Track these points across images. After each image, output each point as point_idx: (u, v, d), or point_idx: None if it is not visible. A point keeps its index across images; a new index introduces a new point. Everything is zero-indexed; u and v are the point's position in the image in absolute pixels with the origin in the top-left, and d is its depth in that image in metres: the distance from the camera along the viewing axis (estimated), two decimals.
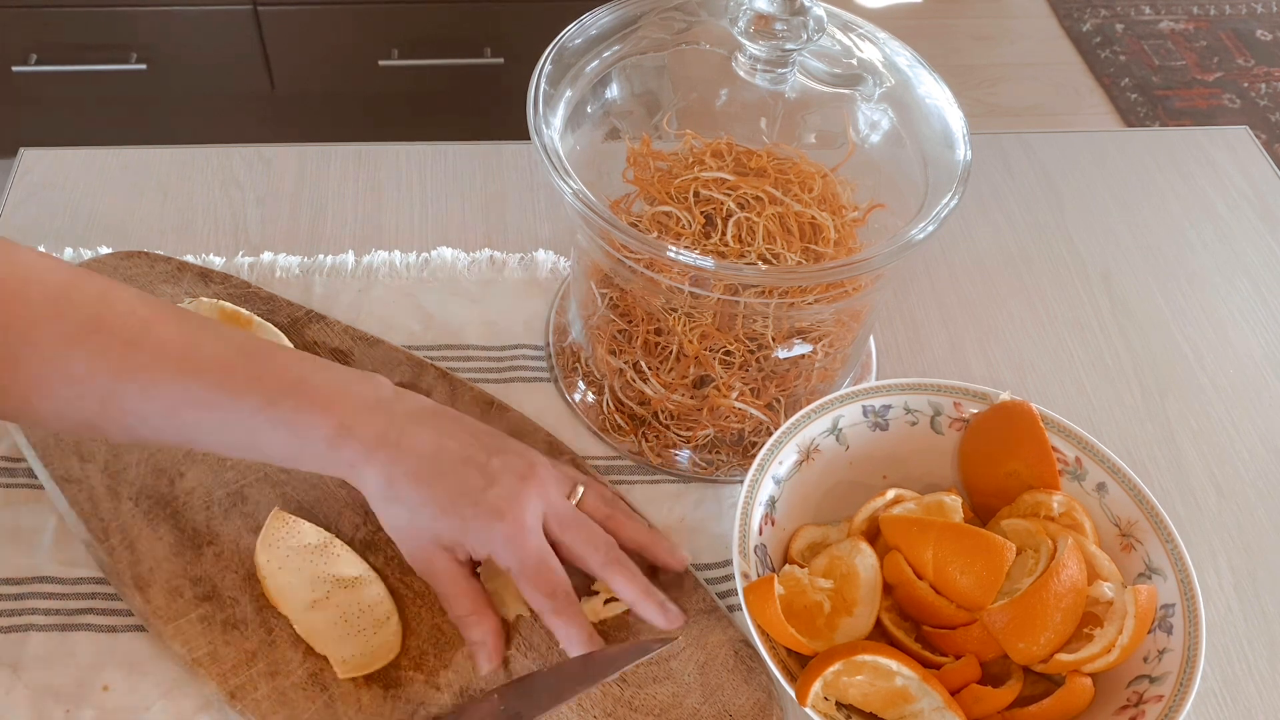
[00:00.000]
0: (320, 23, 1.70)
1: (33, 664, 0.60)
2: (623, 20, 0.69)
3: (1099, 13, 2.43)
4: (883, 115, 0.69)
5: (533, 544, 0.57)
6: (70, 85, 1.72)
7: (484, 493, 0.57)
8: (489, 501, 0.57)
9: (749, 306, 0.63)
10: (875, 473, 0.67)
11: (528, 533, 0.57)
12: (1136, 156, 0.96)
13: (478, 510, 0.57)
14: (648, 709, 0.60)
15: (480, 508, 0.57)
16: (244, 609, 0.61)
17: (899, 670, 0.56)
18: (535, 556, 0.57)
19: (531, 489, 0.58)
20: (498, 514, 0.56)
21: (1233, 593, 0.69)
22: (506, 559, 0.57)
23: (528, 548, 0.57)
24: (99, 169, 0.87)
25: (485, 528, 0.57)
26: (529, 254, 0.82)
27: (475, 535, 0.57)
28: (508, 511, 0.57)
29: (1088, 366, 0.80)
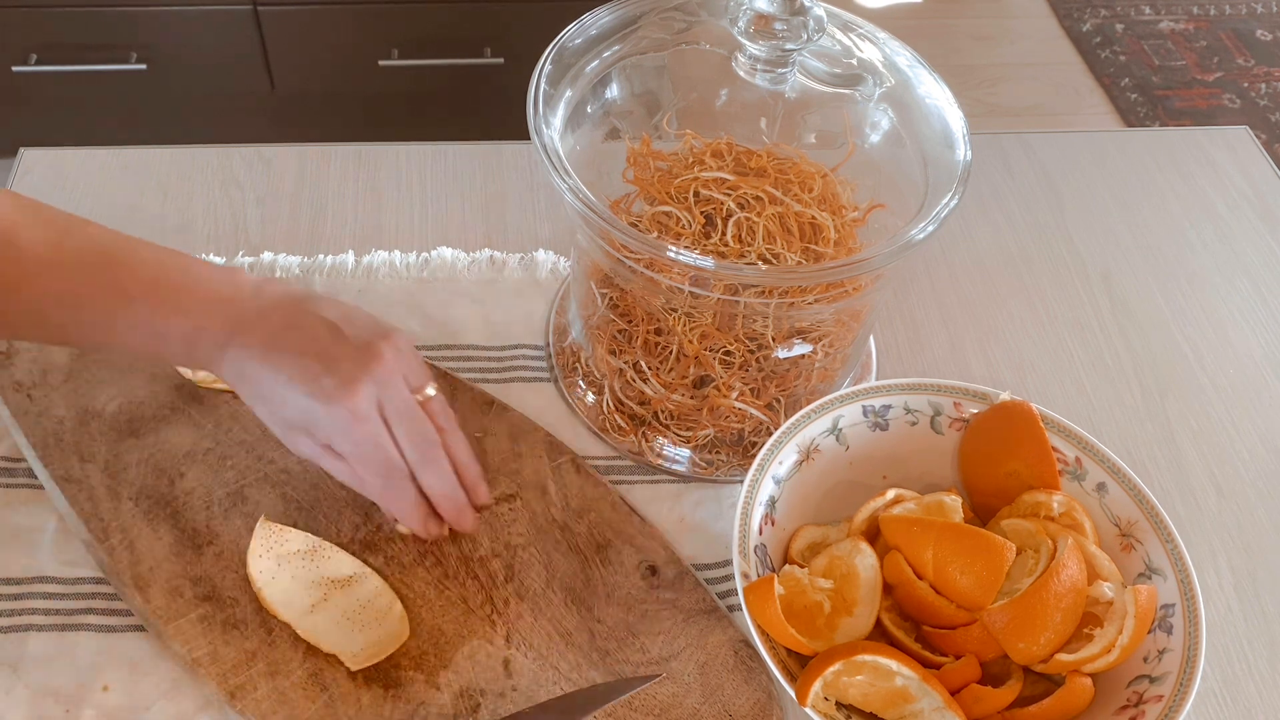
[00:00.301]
0: (320, 23, 1.70)
1: (33, 664, 0.60)
2: (623, 20, 0.69)
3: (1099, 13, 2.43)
4: (883, 115, 0.69)
5: (365, 429, 0.57)
6: (70, 85, 1.72)
7: (319, 380, 0.57)
8: (323, 388, 0.57)
9: (749, 306, 0.63)
10: (875, 473, 0.67)
11: (361, 418, 0.57)
12: (1136, 156, 0.96)
13: (312, 397, 0.57)
14: (648, 709, 0.60)
15: (316, 395, 0.57)
16: (244, 609, 0.61)
17: (899, 670, 0.56)
18: (368, 439, 0.57)
19: (368, 374, 0.57)
20: (331, 399, 0.57)
21: (1233, 593, 0.69)
22: (340, 445, 0.58)
23: (360, 433, 0.57)
24: (99, 169, 0.87)
25: (320, 412, 0.57)
26: (529, 254, 0.82)
27: (314, 420, 0.58)
28: (339, 398, 0.56)
29: (1088, 366, 0.80)
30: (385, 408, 0.58)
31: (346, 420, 0.57)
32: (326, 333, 0.58)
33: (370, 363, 0.57)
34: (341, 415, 0.57)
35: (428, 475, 0.60)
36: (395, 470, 0.59)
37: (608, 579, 0.65)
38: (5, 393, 0.69)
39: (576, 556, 0.66)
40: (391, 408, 0.58)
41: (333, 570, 0.63)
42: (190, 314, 0.58)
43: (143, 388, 0.70)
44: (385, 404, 0.58)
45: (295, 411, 0.58)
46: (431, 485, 0.60)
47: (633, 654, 0.62)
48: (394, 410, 0.58)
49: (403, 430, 0.59)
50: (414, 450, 0.59)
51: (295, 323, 0.58)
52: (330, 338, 0.58)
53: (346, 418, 0.57)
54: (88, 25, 1.66)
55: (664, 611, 0.64)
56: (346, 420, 0.57)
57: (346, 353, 0.58)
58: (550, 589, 0.64)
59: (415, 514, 0.60)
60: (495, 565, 0.65)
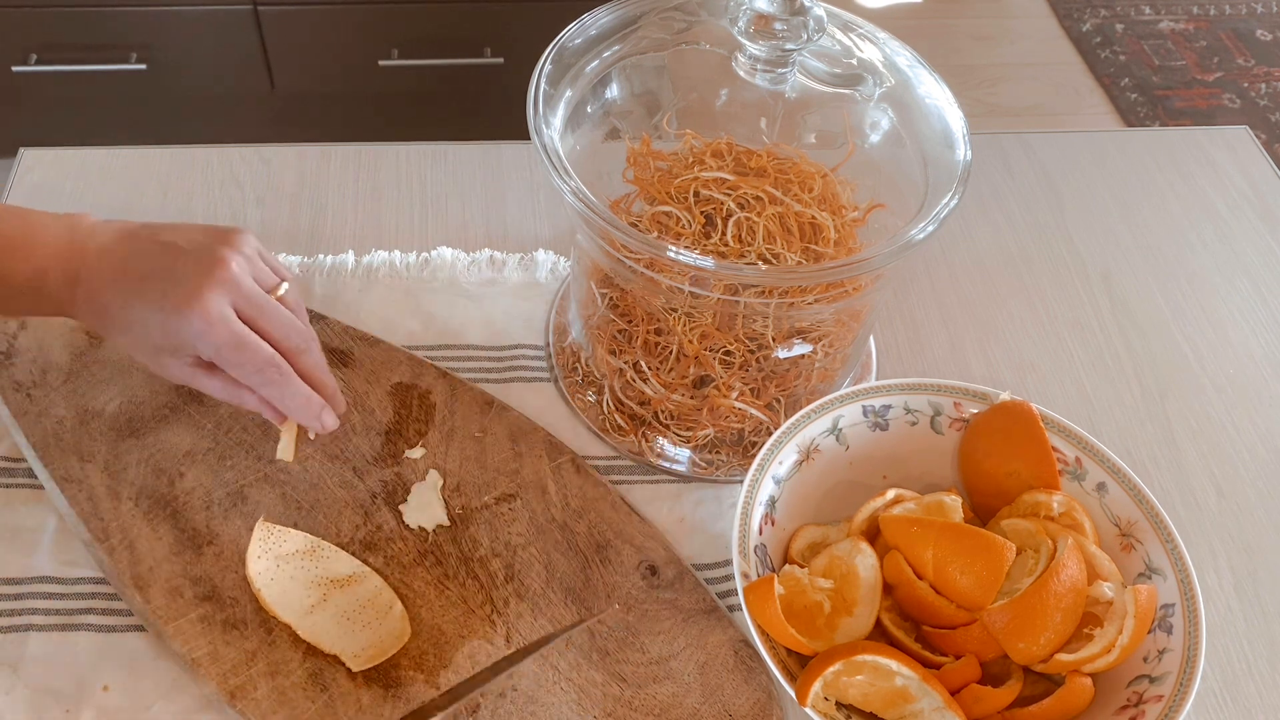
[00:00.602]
0: (320, 23, 1.70)
1: (33, 664, 0.60)
2: (623, 20, 0.69)
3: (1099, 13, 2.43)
4: (883, 115, 0.69)
5: (223, 330, 0.57)
6: (70, 85, 1.72)
7: (166, 294, 0.57)
8: (172, 301, 0.57)
9: (749, 306, 0.63)
10: (875, 473, 0.67)
11: (214, 323, 0.57)
12: (1136, 156, 0.96)
13: (165, 313, 0.57)
14: (648, 709, 0.60)
15: (166, 310, 0.57)
16: (244, 609, 0.61)
17: (899, 670, 0.56)
18: (230, 339, 0.57)
19: (214, 279, 0.57)
20: (180, 311, 0.57)
21: (1233, 593, 0.69)
22: (206, 351, 0.58)
23: (219, 334, 0.57)
24: (99, 169, 0.87)
25: (178, 327, 0.57)
26: (529, 254, 0.82)
27: (176, 336, 0.58)
28: (190, 306, 0.57)
29: (1088, 366, 0.80)
30: (241, 306, 0.58)
31: (202, 326, 0.57)
32: (168, 253, 0.59)
33: (213, 268, 0.58)
34: (196, 323, 0.57)
35: (305, 361, 0.60)
36: (270, 363, 0.59)
37: (608, 579, 0.65)
38: (5, 393, 0.69)
39: (576, 556, 0.66)
40: (248, 304, 0.58)
41: (332, 570, 0.63)
42: (31, 259, 0.59)
43: (143, 387, 0.70)
44: (240, 303, 0.58)
45: (153, 332, 0.58)
46: (311, 371, 0.61)
47: (632, 654, 0.62)
48: (251, 306, 0.58)
49: (268, 323, 0.59)
50: (287, 337, 0.59)
51: (136, 250, 0.59)
52: (170, 255, 0.59)
53: (201, 323, 0.57)
54: (88, 25, 1.66)
55: (664, 611, 0.64)
56: (202, 326, 0.57)
57: (187, 263, 0.58)
58: (550, 589, 0.64)
59: (309, 405, 0.60)
60: (495, 565, 0.65)
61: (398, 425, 0.70)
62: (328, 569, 0.63)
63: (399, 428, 0.70)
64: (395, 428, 0.70)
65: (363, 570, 0.63)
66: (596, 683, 0.61)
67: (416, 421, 0.70)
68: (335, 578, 0.62)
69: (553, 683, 0.60)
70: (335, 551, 0.63)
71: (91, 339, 0.72)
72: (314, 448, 0.69)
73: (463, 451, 0.69)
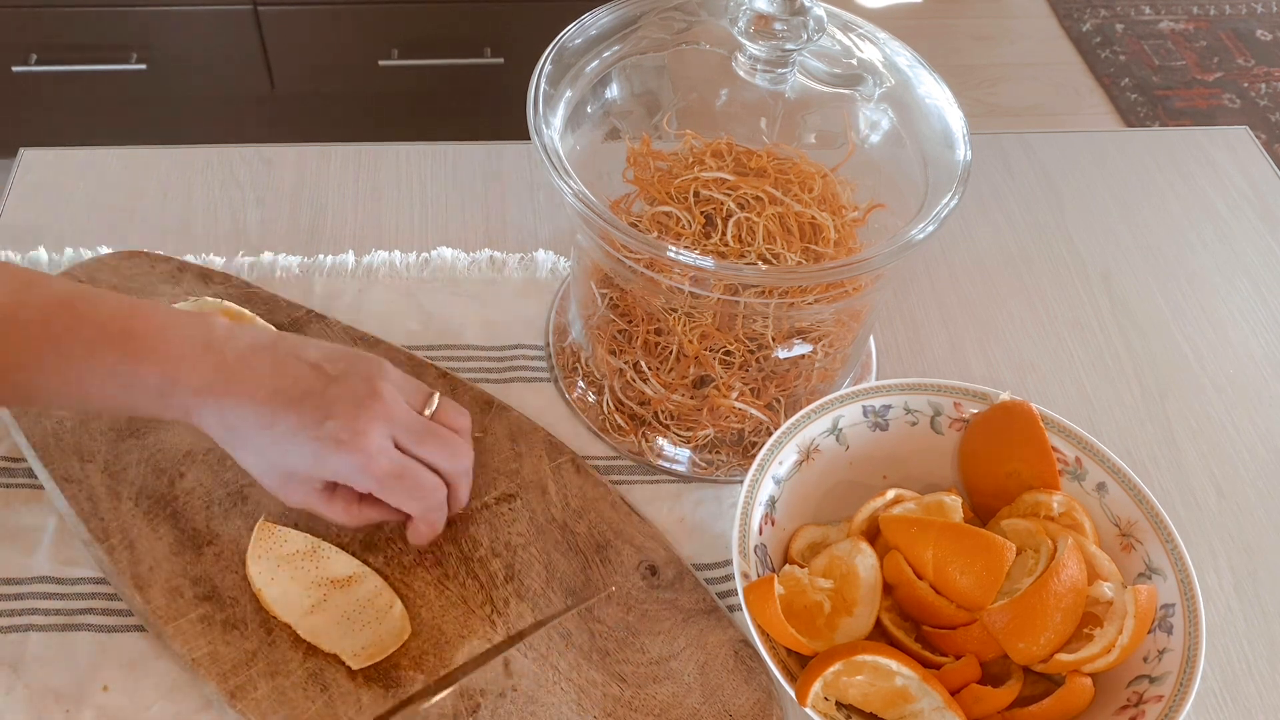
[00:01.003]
0: (320, 23, 1.70)
1: (33, 664, 0.60)
2: (623, 20, 0.69)
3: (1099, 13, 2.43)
4: (883, 115, 0.69)
5: (382, 465, 0.57)
6: (70, 85, 1.72)
7: (322, 426, 0.56)
8: (329, 434, 0.56)
9: (749, 306, 0.63)
10: (875, 473, 0.67)
11: (375, 456, 0.56)
12: (1136, 156, 0.96)
13: (320, 445, 0.56)
14: (648, 709, 0.60)
15: (322, 441, 0.56)
16: (244, 609, 0.61)
17: (899, 670, 0.56)
18: (390, 473, 0.57)
19: (372, 413, 0.57)
20: (339, 445, 0.56)
21: (1233, 593, 0.69)
22: (363, 484, 0.57)
23: (378, 470, 0.57)
24: (99, 169, 0.87)
25: (336, 461, 0.56)
26: (529, 254, 0.82)
27: (325, 468, 0.57)
28: (349, 441, 0.56)
29: (1088, 366, 0.80)
30: (401, 438, 0.58)
31: (363, 460, 0.56)
32: (314, 376, 0.57)
33: (371, 402, 0.57)
34: (357, 457, 0.56)
35: (465, 483, 0.62)
36: (436, 488, 0.59)
37: (608, 579, 0.65)
38: None
39: (576, 556, 0.66)
40: (409, 435, 0.58)
41: (332, 570, 0.63)
42: (163, 361, 0.56)
43: None
44: (399, 435, 0.58)
45: (297, 460, 0.57)
46: (466, 492, 0.62)
47: (632, 654, 0.62)
48: (412, 437, 0.58)
49: (431, 452, 0.59)
50: (449, 463, 0.60)
51: (280, 369, 0.57)
52: (320, 380, 0.57)
53: (363, 458, 0.56)
54: (88, 25, 1.66)
55: (664, 611, 0.64)
56: (363, 460, 0.56)
57: (343, 394, 0.57)
58: (550, 589, 0.64)
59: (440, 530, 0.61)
60: (495, 565, 0.65)
61: None
62: (328, 569, 0.63)
63: None
64: None
65: (363, 570, 0.63)
66: (596, 683, 0.61)
67: None
68: (335, 578, 0.62)
69: (553, 683, 0.60)
70: (335, 552, 0.63)
71: None
72: None
73: None
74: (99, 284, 0.75)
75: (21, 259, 0.78)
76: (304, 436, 0.56)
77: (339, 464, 0.56)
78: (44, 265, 0.78)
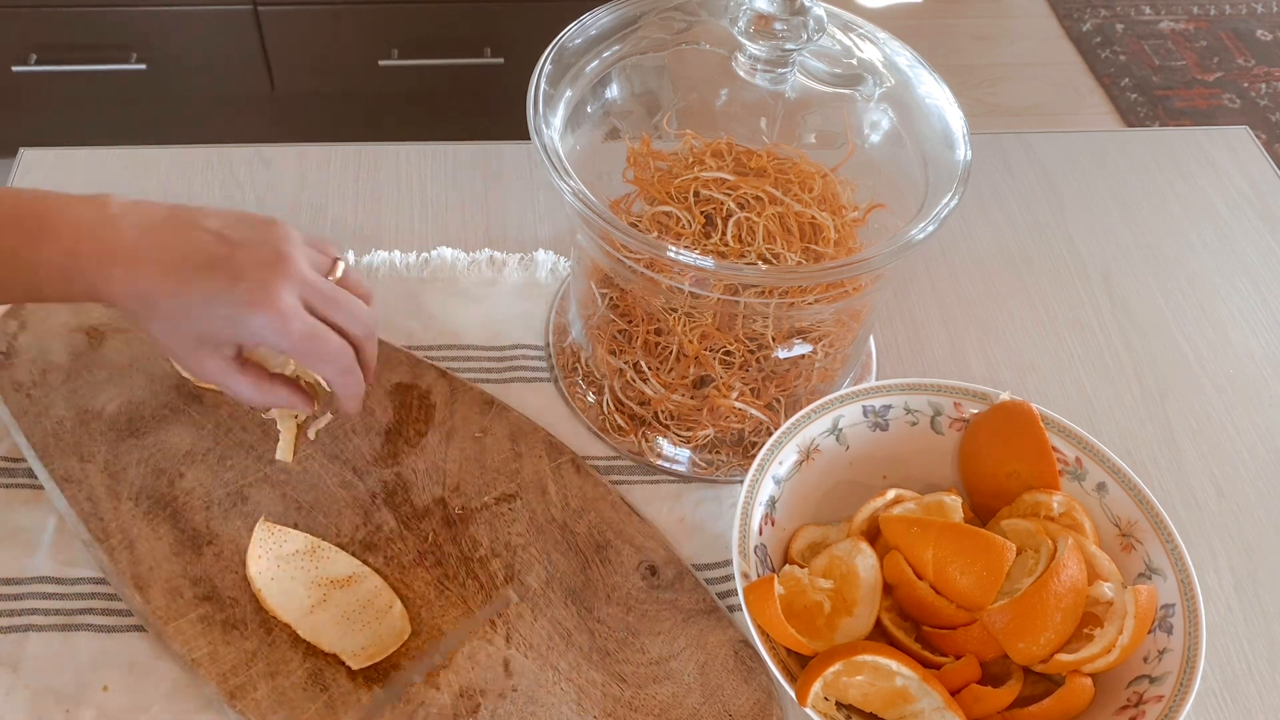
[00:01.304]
0: (320, 23, 1.70)
1: (33, 664, 0.60)
2: (623, 20, 0.69)
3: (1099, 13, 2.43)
4: (883, 115, 0.69)
5: (296, 326, 0.57)
6: (70, 85, 1.72)
7: (234, 289, 0.56)
8: (243, 296, 0.56)
9: (749, 306, 0.63)
10: (875, 473, 0.67)
11: (288, 317, 0.56)
12: (1136, 156, 0.96)
13: (233, 308, 0.56)
14: (648, 709, 0.60)
15: (235, 305, 0.56)
16: (244, 609, 0.61)
17: (899, 670, 0.55)
18: (304, 334, 0.57)
19: (282, 274, 0.57)
20: (253, 306, 0.56)
21: (1233, 593, 0.69)
22: (279, 344, 0.57)
23: (293, 330, 0.57)
24: (99, 169, 0.87)
25: (246, 321, 0.56)
26: (529, 254, 0.82)
27: (239, 331, 0.57)
28: (262, 302, 0.56)
29: (1088, 366, 0.80)
30: (310, 298, 0.58)
31: (278, 321, 0.56)
32: (219, 242, 0.57)
33: (279, 264, 0.57)
34: (271, 318, 0.56)
35: (370, 345, 0.61)
36: (343, 352, 0.59)
37: (608, 579, 0.65)
38: (5, 393, 0.69)
39: (576, 556, 0.66)
40: (317, 297, 0.58)
41: (332, 570, 0.63)
42: (64, 239, 0.56)
43: (143, 388, 0.70)
44: (309, 297, 0.58)
45: (210, 324, 0.57)
46: (370, 358, 0.62)
47: (632, 654, 0.62)
48: (320, 299, 0.58)
49: (338, 314, 0.59)
50: (356, 325, 0.60)
51: (184, 237, 0.57)
52: (226, 246, 0.57)
53: (277, 319, 0.56)
54: (88, 25, 1.66)
55: (664, 611, 0.64)
56: (278, 321, 0.56)
57: (252, 258, 0.57)
58: (550, 589, 0.64)
59: (360, 394, 0.61)
60: (495, 565, 0.65)
61: (398, 425, 0.70)
62: (328, 569, 0.63)
63: (399, 428, 0.70)
64: (395, 428, 0.70)
65: (363, 570, 0.63)
66: (596, 683, 0.61)
67: (416, 421, 0.70)
68: (335, 578, 0.62)
69: (553, 683, 0.60)
70: (335, 552, 0.63)
71: (91, 339, 0.72)
72: (314, 448, 0.69)
73: (463, 451, 0.69)
74: None
75: None
76: (218, 300, 0.56)
77: (256, 324, 0.56)
78: None
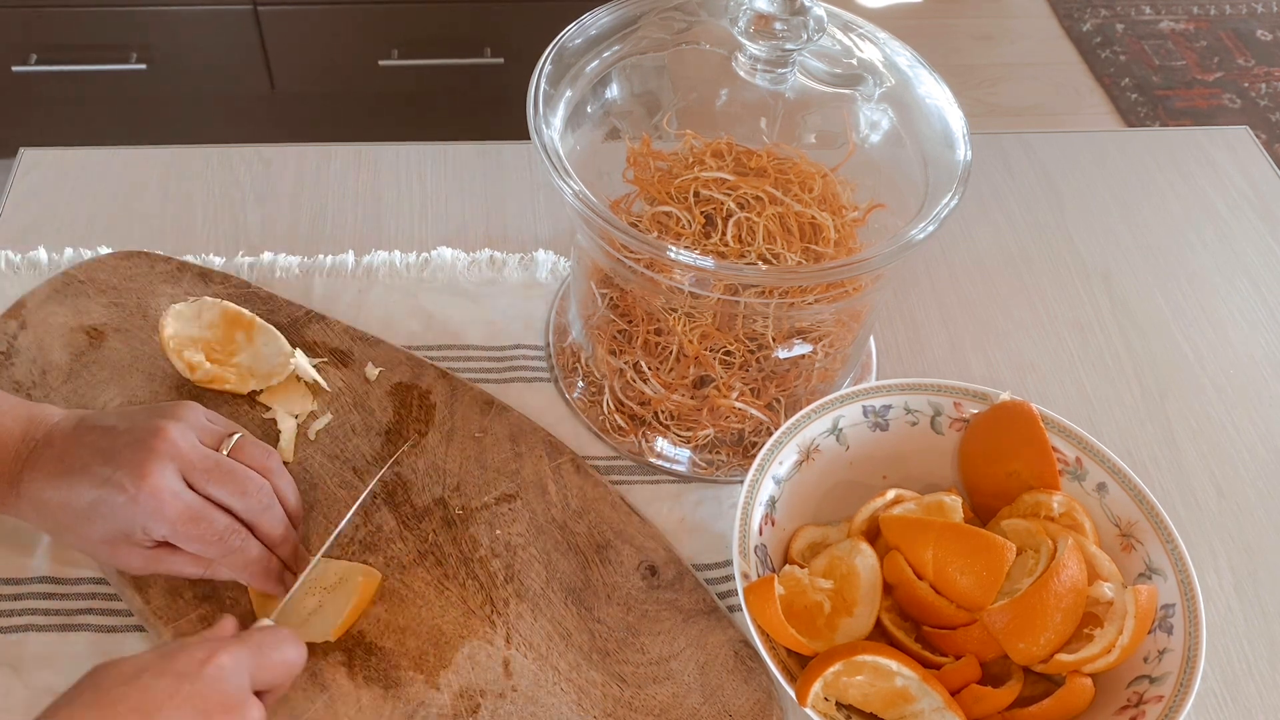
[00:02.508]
0: (320, 23, 1.70)
1: (33, 664, 0.60)
2: (623, 20, 0.69)
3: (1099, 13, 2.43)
4: (883, 115, 0.69)
5: (173, 505, 0.54)
6: (70, 85, 1.72)
7: (109, 478, 0.54)
8: (116, 483, 0.54)
9: (749, 306, 0.63)
10: (875, 473, 0.67)
11: (164, 496, 0.54)
12: (1136, 156, 0.96)
13: (111, 499, 0.54)
14: (648, 709, 0.60)
15: (112, 494, 0.54)
16: (243, 609, 0.61)
17: (899, 670, 0.56)
18: (184, 512, 0.55)
19: (154, 452, 0.55)
20: (124, 490, 0.54)
21: (1233, 593, 0.69)
22: (160, 530, 0.55)
23: (168, 511, 0.54)
24: (99, 169, 0.87)
25: (129, 512, 0.54)
26: (529, 254, 0.82)
27: (129, 522, 0.55)
28: (133, 485, 0.54)
29: (1088, 366, 0.80)
30: (189, 474, 0.56)
31: (153, 504, 0.54)
32: (103, 436, 0.56)
33: (152, 440, 0.55)
34: (147, 502, 0.54)
35: (266, 522, 0.58)
36: (230, 533, 0.56)
37: (608, 579, 0.65)
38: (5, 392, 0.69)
39: (576, 556, 0.66)
40: (198, 472, 0.56)
41: (326, 579, 0.62)
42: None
43: (143, 388, 0.70)
44: (189, 472, 0.56)
45: (103, 524, 0.55)
46: (272, 531, 0.59)
47: (632, 654, 0.62)
48: (199, 471, 0.56)
49: (224, 489, 0.57)
50: (243, 496, 0.57)
51: (76, 440, 0.56)
52: (108, 438, 0.56)
53: (152, 502, 0.54)
54: (88, 25, 1.66)
55: (664, 612, 0.64)
56: (153, 504, 0.54)
57: (125, 442, 0.55)
58: (550, 589, 0.64)
59: (266, 569, 0.58)
60: (495, 565, 0.65)
61: (398, 425, 0.70)
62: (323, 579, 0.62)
63: (399, 428, 0.70)
64: (395, 428, 0.70)
65: (348, 566, 0.62)
66: (596, 683, 0.61)
67: (416, 421, 0.70)
68: (328, 585, 0.62)
69: (553, 683, 0.60)
70: (325, 563, 0.63)
71: (91, 339, 0.72)
72: (314, 448, 0.69)
73: (463, 451, 0.69)
74: (99, 284, 0.75)
75: (21, 259, 0.78)
76: (98, 497, 0.54)
77: (132, 513, 0.54)
78: (44, 265, 0.78)
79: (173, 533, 0.55)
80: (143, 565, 0.57)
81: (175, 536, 0.55)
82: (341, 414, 0.70)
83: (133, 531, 0.55)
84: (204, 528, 0.56)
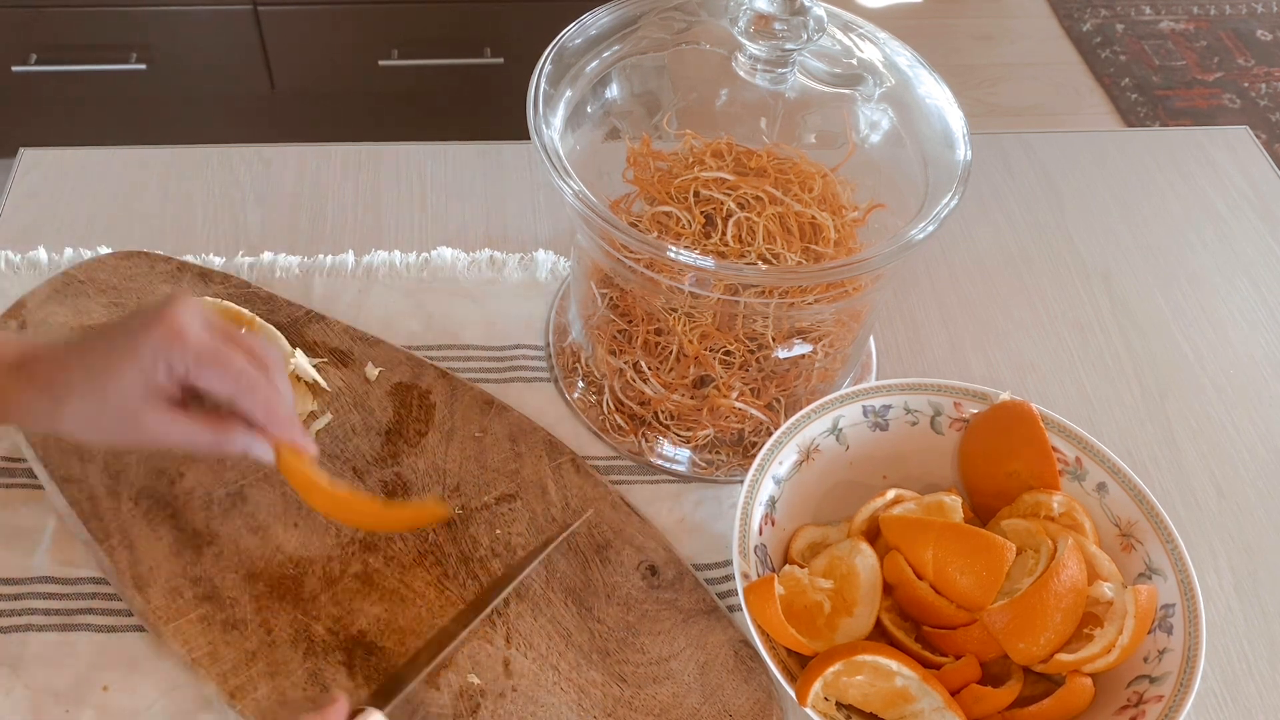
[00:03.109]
0: (320, 23, 1.70)
1: (33, 664, 0.60)
2: (623, 20, 0.69)
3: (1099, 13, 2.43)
4: (883, 115, 0.69)
5: (195, 338, 0.55)
6: (70, 85, 1.72)
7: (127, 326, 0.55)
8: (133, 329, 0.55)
9: (749, 306, 0.63)
10: (875, 473, 0.67)
11: (186, 330, 0.54)
12: (1136, 156, 0.96)
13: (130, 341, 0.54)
14: (648, 709, 0.60)
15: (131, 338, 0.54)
16: (244, 609, 0.61)
17: (899, 670, 0.56)
18: (204, 346, 0.55)
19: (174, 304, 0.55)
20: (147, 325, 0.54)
21: (1233, 593, 0.69)
22: (180, 362, 0.55)
23: (190, 342, 0.54)
24: (99, 169, 0.87)
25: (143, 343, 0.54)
26: (529, 254, 0.82)
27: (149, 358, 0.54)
28: (157, 322, 0.54)
29: (1088, 366, 0.80)
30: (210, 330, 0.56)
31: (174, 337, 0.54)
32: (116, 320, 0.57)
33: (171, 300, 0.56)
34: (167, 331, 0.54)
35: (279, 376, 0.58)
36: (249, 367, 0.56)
37: (608, 579, 0.65)
38: None
39: (576, 556, 0.66)
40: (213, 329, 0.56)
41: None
42: None
43: None
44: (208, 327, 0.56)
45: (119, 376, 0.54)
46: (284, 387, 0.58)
47: (632, 654, 0.62)
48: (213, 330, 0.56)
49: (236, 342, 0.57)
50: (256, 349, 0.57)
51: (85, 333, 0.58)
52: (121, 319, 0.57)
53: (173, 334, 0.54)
54: (88, 25, 1.66)
55: (664, 611, 0.64)
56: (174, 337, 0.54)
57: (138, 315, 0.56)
58: (550, 589, 0.64)
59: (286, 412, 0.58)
60: (495, 565, 0.65)
61: (398, 425, 0.70)
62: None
63: (399, 428, 0.70)
64: (395, 428, 0.70)
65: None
66: (596, 683, 0.61)
67: (416, 421, 0.70)
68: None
69: (553, 683, 0.60)
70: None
71: None
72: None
73: (463, 451, 0.69)
74: (99, 284, 0.75)
75: (21, 259, 0.78)
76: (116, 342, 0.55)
77: (157, 349, 0.54)
78: (44, 265, 0.78)
79: (196, 359, 0.55)
80: (160, 429, 0.56)
81: (199, 364, 0.55)
82: (341, 414, 0.70)
83: (154, 372, 0.55)
84: (224, 357, 0.55)
